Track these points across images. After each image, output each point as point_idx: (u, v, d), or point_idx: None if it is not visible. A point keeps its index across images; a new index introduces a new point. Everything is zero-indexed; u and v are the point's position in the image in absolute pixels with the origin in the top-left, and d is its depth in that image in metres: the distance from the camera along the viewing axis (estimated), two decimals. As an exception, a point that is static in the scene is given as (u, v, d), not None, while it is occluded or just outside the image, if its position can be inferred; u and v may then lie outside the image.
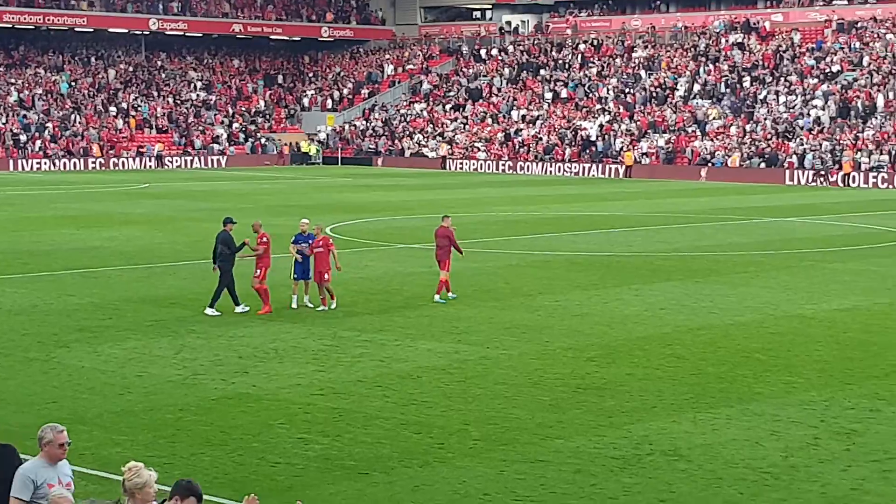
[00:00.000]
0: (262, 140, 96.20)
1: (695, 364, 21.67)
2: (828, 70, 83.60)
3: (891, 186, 70.52)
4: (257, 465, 15.45)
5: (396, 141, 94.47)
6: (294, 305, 27.35)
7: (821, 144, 75.60)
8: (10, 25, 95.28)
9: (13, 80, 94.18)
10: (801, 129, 78.35)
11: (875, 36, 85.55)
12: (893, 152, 72.81)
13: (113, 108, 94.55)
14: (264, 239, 27.25)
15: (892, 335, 24.59)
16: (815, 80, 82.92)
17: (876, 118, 77.04)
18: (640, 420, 17.82)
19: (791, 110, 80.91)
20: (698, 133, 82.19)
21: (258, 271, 26.87)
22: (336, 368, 21.20)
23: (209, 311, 26.42)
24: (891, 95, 78.58)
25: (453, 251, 29.06)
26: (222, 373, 20.78)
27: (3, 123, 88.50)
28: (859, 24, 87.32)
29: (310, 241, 27.70)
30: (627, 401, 18.96)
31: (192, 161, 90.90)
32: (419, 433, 17.11)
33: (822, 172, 73.78)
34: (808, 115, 79.57)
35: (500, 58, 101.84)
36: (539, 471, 15.38)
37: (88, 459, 15.28)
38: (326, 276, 27.24)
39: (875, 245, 40.82)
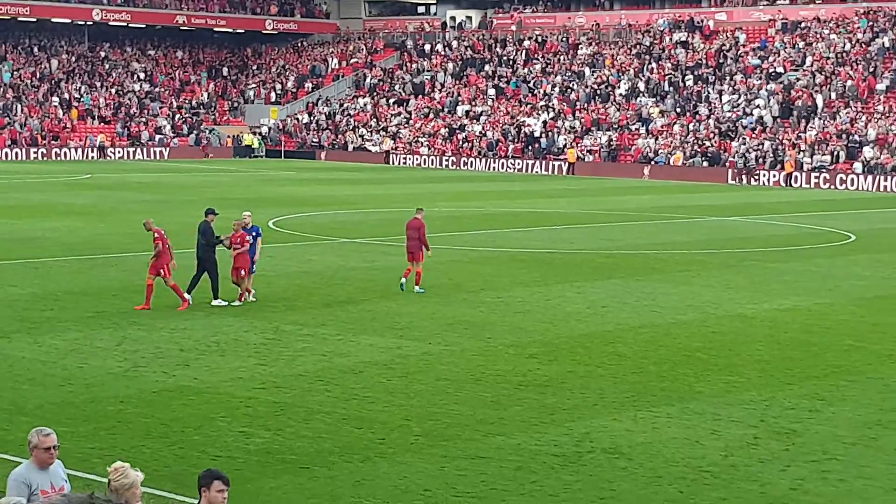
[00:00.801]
0: (206, 132, 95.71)
1: (636, 362, 21.79)
2: (771, 70, 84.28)
3: (833, 187, 71.20)
4: (198, 458, 15.38)
5: (340, 135, 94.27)
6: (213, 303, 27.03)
7: (763, 144, 76.22)
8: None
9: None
10: (744, 128, 78.94)
11: (818, 36, 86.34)
12: (835, 153, 73.52)
13: (55, 99, 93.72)
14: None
15: (832, 335, 24.84)
16: (759, 80, 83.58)
17: (818, 118, 77.76)
18: (581, 418, 17.90)
19: (734, 109, 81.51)
20: (642, 131, 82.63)
21: (161, 270, 26.28)
22: (277, 362, 21.15)
23: (216, 302, 26.64)
24: (833, 96, 79.34)
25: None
26: (164, 365, 20.68)
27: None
28: (803, 25, 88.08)
29: (254, 233, 27.59)
30: (569, 398, 19.04)
31: (134, 153, 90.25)
32: (360, 428, 17.11)
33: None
34: (751, 114, 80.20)
35: (444, 53, 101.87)
36: (480, 467, 15.42)
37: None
38: (243, 272, 26.91)
39: (817, 245, 41.21)
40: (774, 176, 73.61)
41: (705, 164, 77.33)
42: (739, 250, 39.02)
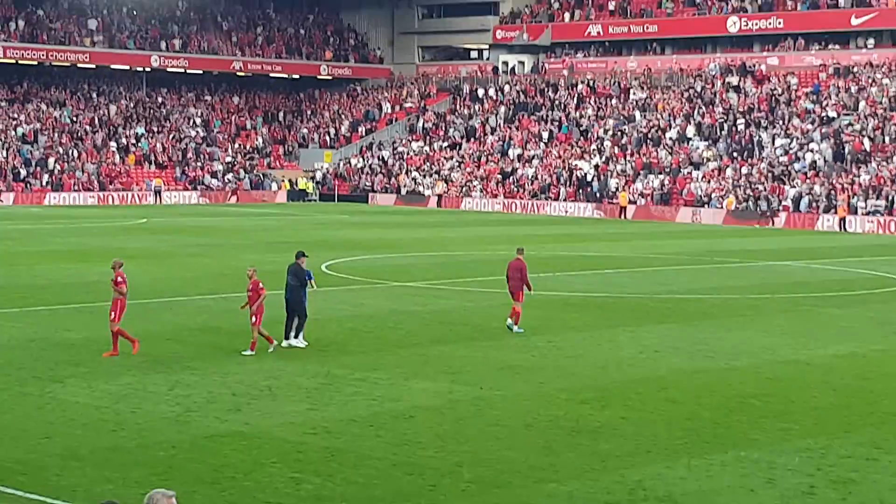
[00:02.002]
0: (261, 176, 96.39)
1: (690, 408, 21.60)
2: (824, 114, 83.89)
3: (887, 231, 70.61)
4: (249, 503, 15.38)
5: (393, 179, 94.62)
6: (284, 343, 27.12)
7: (813, 188, 75.75)
8: (13, 61, 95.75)
9: (15, 115, 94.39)
10: (797, 172, 78.51)
11: (871, 81, 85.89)
12: (890, 197, 72.95)
13: (113, 144, 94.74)
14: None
15: (889, 382, 24.54)
16: (811, 124, 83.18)
17: (872, 163, 77.22)
18: (634, 465, 17.75)
19: (787, 153, 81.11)
20: (694, 175, 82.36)
21: (112, 314, 25.91)
22: (329, 407, 21.14)
23: (296, 342, 26.80)
24: (887, 140, 78.82)
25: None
26: (215, 410, 20.72)
27: (5, 157, 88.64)
28: (855, 69, 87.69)
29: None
30: (622, 444, 18.89)
31: (190, 197, 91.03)
32: (411, 474, 17.05)
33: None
34: (804, 158, 79.77)
35: (496, 97, 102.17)
36: (532, 514, 15.31)
37: (80, 496, 15.23)
38: (255, 319, 26.17)
39: (872, 290, 40.80)
40: (828, 220, 73.08)
41: (758, 208, 76.88)
42: (794, 295, 38.70)
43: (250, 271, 27.14)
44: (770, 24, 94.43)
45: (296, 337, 27.15)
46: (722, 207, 77.74)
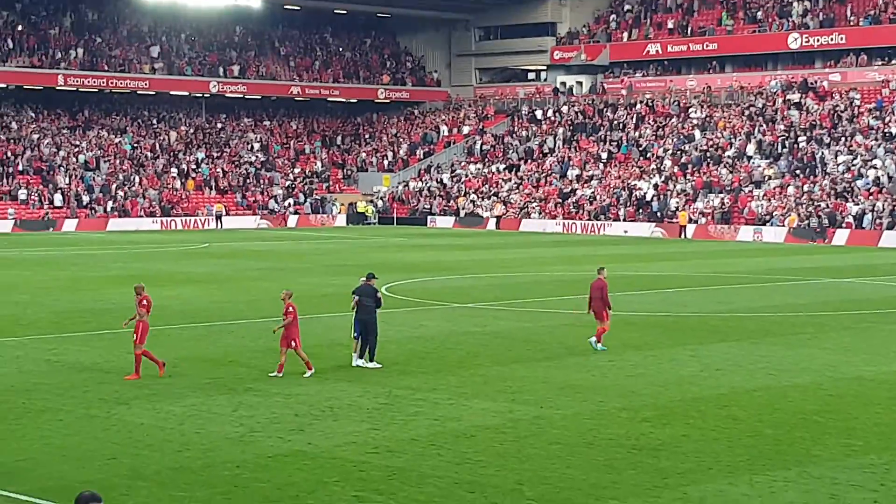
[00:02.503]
0: (320, 200, 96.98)
1: (751, 426, 21.52)
2: (887, 130, 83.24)
3: (951, 247, 69.89)
4: (313, 522, 15.50)
5: (451, 201, 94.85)
6: (354, 363, 27.40)
7: (876, 204, 75.12)
8: (74, 89, 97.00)
9: (77, 143, 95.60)
10: (860, 188, 77.93)
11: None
12: (953, 213, 72.28)
13: (174, 169, 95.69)
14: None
15: (952, 397, 24.32)
16: (874, 140, 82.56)
17: (935, 178, 76.55)
18: (696, 482, 17.72)
19: (850, 170, 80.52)
20: (755, 193, 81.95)
21: (136, 335, 26.03)
22: (390, 427, 21.26)
23: (370, 365, 27.09)
24: (950, 156, 78.11)
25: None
26: (279, 430, 20.90)
27: (68, 184, 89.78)
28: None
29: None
30: (683, 462, 18.87)
31: (251, 221, 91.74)
32: (473, 492, 17.12)
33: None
34: (867, 175, 79.16)
35: (554, 118, 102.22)
36: (594, 531, 15.34)
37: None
38: (294, 342, 26.11)
39: (934, 306, 40.42)
40: (892, 237, 72.42)
41: (820, 225, 76.41)
42: (856, 312, 38.43)
43: (284, 294, 27.04)
44: (832, 39, 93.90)
45: (370, 360, 27.36)
46: (784, 225, 77.27)
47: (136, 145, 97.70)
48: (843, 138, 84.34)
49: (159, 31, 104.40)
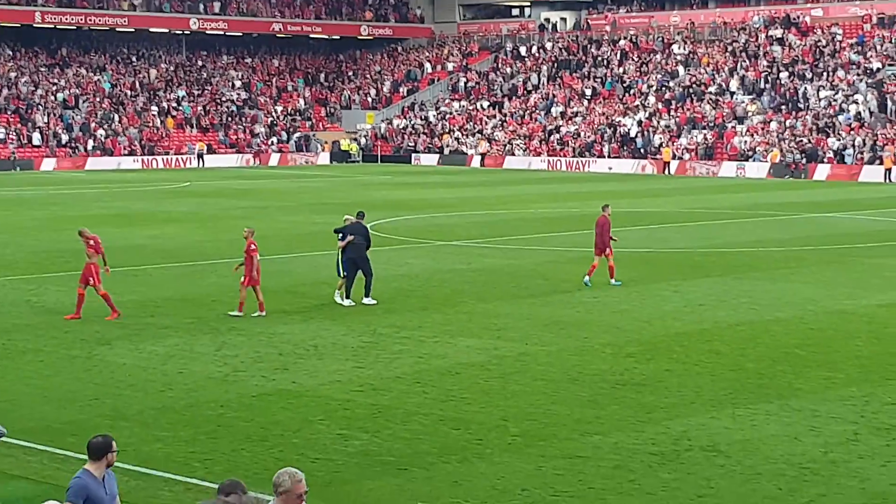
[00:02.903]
0: (304, 138, 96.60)
1: (734, 360, 21.63)
2: (868, 65, 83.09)
3: (933, 181, 69.98)
4: (297, 460, 15.53)
5: (435, 139, 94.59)
6: (338, 301, 27.35)
7: (856, 139, 75.10)
8: (51, 26, 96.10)
9: (55, 80, 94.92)
10: (841, 124, 77.90)
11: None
12: (936, 147, 72.31)
13: (154, 108, 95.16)
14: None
15: (934, 331, 24.45)
16: (856, 76, 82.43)
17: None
18: (678, 416, 17.82)
19: (831, 105, 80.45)
20: (738, 129, 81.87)
21: (91, 279, 25.79)
22: (375, 365, 21.30)
23: (366, 300, 27.15)
24: (933, 90, 78.04)
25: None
26: (262, 369, 20.91)
27: (47, 123, 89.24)
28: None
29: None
30: (666, 396, 18.96)
31: (233, 159, 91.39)
32: (458, 429, 17.18)
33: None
34: (849, 110, 79.11)
35: (538, 55, 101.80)
36: (578, 466, 15.42)
37: (130, 456, 15.42)
38: (252, 279, 25.91)
39: (917, 240, 40.55)
40: (873, 172, 72.46)
41: (802, 161, 76.43)
42: (838, 247, 38.53)
43: (246, 232, 26.77)
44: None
45: (366, 296, 27.34)
46: (766, 161, 77.28)
47: (115, 83, 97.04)
48: (824, 73, 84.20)
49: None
